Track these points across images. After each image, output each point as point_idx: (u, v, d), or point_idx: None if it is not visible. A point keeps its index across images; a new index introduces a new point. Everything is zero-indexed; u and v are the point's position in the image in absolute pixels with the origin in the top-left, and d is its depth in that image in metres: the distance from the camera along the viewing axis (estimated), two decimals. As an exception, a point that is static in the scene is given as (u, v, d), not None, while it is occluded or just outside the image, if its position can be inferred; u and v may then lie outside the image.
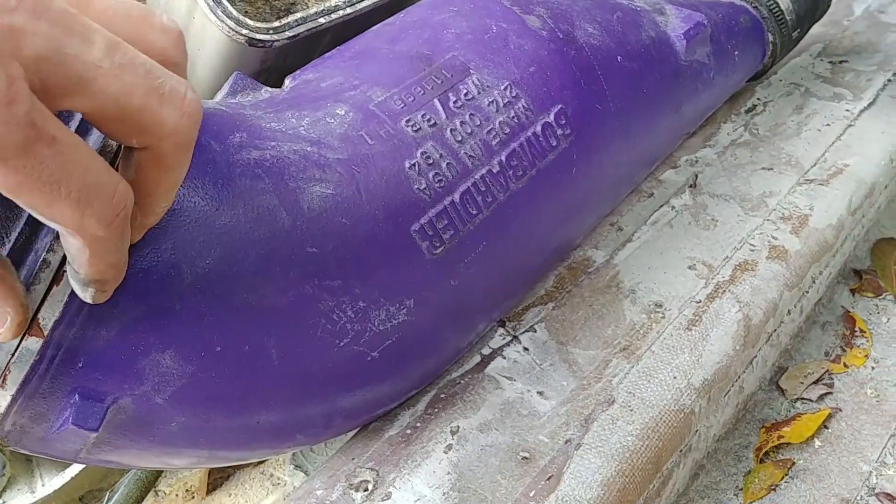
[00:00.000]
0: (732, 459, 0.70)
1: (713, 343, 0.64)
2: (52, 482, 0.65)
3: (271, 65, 0.62)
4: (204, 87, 0.62)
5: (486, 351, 0.64)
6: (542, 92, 0.57)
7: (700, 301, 0.68)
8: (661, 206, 0.79)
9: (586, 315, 0.67)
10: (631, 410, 0.58)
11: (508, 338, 0.65)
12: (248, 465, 0.71)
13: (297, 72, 0.57)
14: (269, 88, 0.55)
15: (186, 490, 0.69)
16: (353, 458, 0.56)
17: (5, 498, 0.66)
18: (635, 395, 0.60)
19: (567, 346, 0.64)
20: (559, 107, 0.58)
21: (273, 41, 0.58)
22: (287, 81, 0.57)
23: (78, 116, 0.37)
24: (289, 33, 0.59)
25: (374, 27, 0.61)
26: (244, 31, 0.57)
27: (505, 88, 0.56)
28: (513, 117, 0.56)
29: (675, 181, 0.82)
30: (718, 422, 0.67)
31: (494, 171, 0.54)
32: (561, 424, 0.58)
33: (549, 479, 0.54)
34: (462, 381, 0.61)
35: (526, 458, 0.55)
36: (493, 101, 0.55)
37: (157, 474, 0.65)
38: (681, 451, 0.60)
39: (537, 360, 0.63)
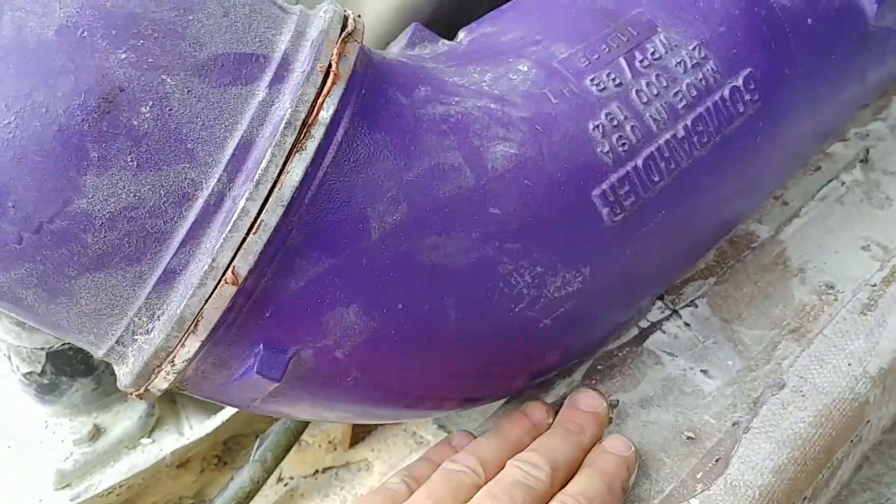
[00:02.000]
0: (897, 453, 0.67)
1: (890, 330, 0.60)
2: (202, 426, 0.67)
3: (442, 13, 0.61)
4: (371, 35, 0.61)
5: (644, 324, 0.61)
6: (731, 54, 0.54)
7: (875, 284, 0.64)
8: (830, 180, 0.74)
9: (751, 293, 0.63)
10: (803, 396, 0.55)
11: (668, 312, 0.62)
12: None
13: (473, 24, 0.56)
14: (447, 41, 0.53)
15: (329, 441, 0.70)
16: (508, 424, 0.55)
17: (154, 437, 0.68)
18: (807, 380, 0.56)
19: (732, 325, 0.61)
20: (748, 70, 0.54)
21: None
22: (462, 34, 0.55)
23: None
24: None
25: (552, -20, 0.58)
26: (422, -21, 0.56)
27: (693, 49, 0.53)
28: (700, 80, 0.52)
29: (844, 155, 0.77)
30: (889, 413, 0.63)
31: (679, 136, 0.51)
32: (728, 406, 0.55)
33: (716, 461, 0.51)
34: (620, 354, 0.59)
35: (691, 437, 0.53)
36: (680, 62, 0.52)
37: (305, 424, 0.66)
38: (852, 441, 0.57)
39: (700, 336, 0.60)
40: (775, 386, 0.56)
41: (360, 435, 0.71)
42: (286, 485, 0.69)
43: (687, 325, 0.61)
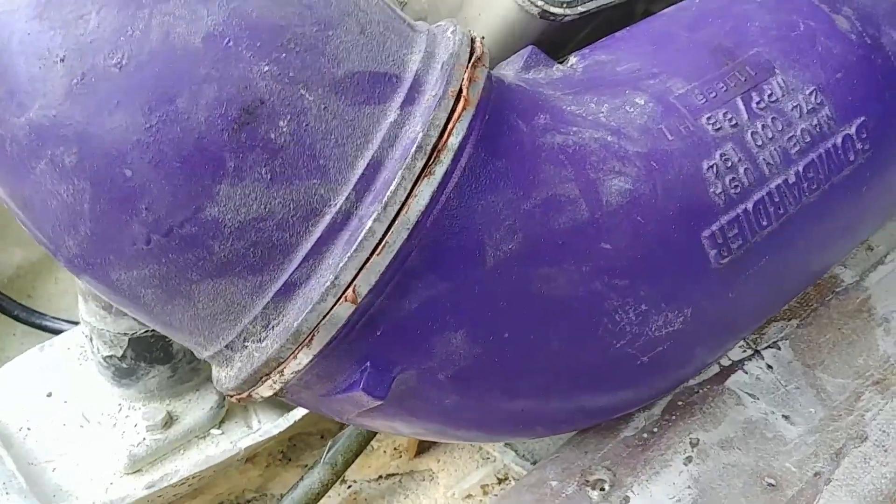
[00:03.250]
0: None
1: (975, 390, 0.59)
2: (275, 423, 0.67)
3: (546, 37, 0.60)
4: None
5: (725, 362, 0.61)
6: (846, 101, 0.53)
7: (962, 341, 0.63)
8: (917, 228, 0.73)
9: (835, 339, 0.63)
10: (885, 451, 0.55)
11: (749, 351, 0.62)
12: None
13: (586, 50, 0.55)
14: (561, 67, 0.53)
15: (395, 449, 0.70)
16: (586, 453, 0.55)
17: (223, 429, 0.69)
18: (890, 435, 0.56)
19: (815, 371, 0.60)
20: (862, 119, 0.54)
21: (565, 15, 0.56)
22: (574, 59, 0.55)
23: None
24: (581, 8, 0.57)
25: (667, 10, 0.58)
26: (539, 3, 0.55)
27: (810, 93, 0.52)
28: (815, 125, 0.52)
29: (931, 203, 0.76)
30: (967, 474, 0.62)
31: (790, 181, 0.51)
32: (809, 454, 0.55)
33: (799, 511, 0.51)
34: (700, 391, 0.59)
35: (772, 484, 0.53)
36: (796, 106, 0.52)
37: (375, 431, 0.66)
38: (931, 501, 0.56)
39: (782, 380, 0.60)
40: (858, 438, 0.56)
41: (426, 444, 0.71)
42: (349, 487, 0.69)
43: (769, 367, 0.61)
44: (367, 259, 0.39)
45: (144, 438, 0.65)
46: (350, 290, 0.39)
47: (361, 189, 0.40)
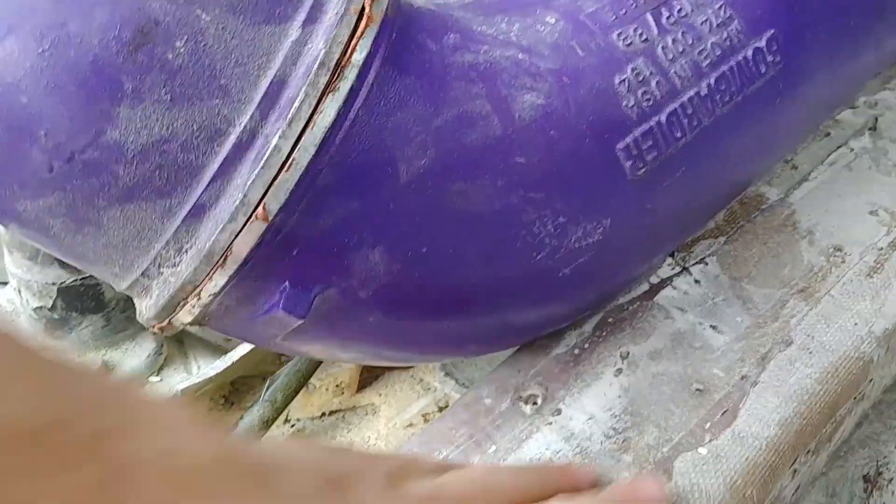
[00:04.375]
0: (895, 412, 0.68)
1: None
2: (211, 366, 0.67)
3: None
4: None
5: (654, 279, 0.62)
6: (755, 14, 0.54)
7: (882, 248, 0.64)
8: (839, 146, 0.75)
9: (760, 253, 0.64)
10: (810, 353, 0.56)
11: (678, 268, 0.63)
12: (400, 367, 0.72)
13: (499, -26, 0.55)
14: (473, -10, 0.53)
15: (336, 385, 0.71)
16: (518, 371, 0.56)
17: (162, 376, 0.69)
18: (814, 338, 0.57)
19: (741, 283, 0.62)
20: (771, 31, 0.54)
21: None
22: (487, -16, 0.55)
23: None
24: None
25: (579, -69, 0.58)
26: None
27: (719, 7, 0.53)
28: (725, 39, 0.53)
29: (853, 122, 0.78)
30: (891, 373, 0.64)
31: (702, 93, 0.51)
32: (736, 360, 0.56)
33: (724, 413, 0.52)
34: (630, 308, 0.60)
35: (700, 389, 0.54)
36: (706, 21, 0.52)
37: (315, 367, 0.67)
38: (855, 398, 0.58)
39: (710, 293, 0.61)
40: (783, 343, 0.57)
41: (367, 379, 0.72)
42: (293, 426, 0.70)
43: (697, 281, 0.62)
44: (276, 176, 0.39)
45: (83, 390, 0.64)
46: (260, 207, 0.39)
47: (266, 108, 0.39)
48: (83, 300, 0.65)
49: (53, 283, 0.63)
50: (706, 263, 0.63)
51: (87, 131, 0.38)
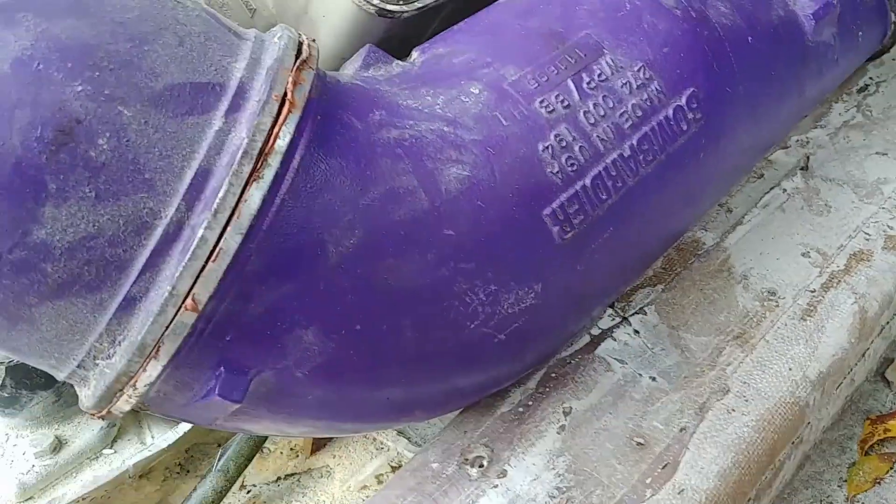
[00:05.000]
0: (836, 450, 0.70)
1: (829, 335, 0.63)
2: (164, 436, 0.67)
3: (394, 33, 0.62)
4: (327, 54, 0.62)
5: (595, 331, 0.63)
6: (675, 74, 0.56)
7: (815, 290, 0.67)
8: (772, 188, 0.77)
9: (697, 300, 0.66)
10: (746, 401, 0.58)
11: (618, 319, 0.64)
12: (352, 430, 0.73)
13: (427, 44, 0.57)
14: (401, 62, 0.54)
15: (291, 449, 0.71)
16: (465, 433, 0.57)
17: (116, 448, 0.68)
18: (750, 386, 0.59)
19: (679, 331, 0.63)
20: (691, 90, 0.56)
21: (403, 12, 0.58)
22: (415, 54, 0.56)
23: None
24: (418, 4, 0.58)
25: None
26: (375, 2, 0.56)
27: (639, 70, 0.55)
28: (646, 100, 0.54)
29: (786, 162, 0.80)
30: (829, 414, 0.66)
31: (625, 154, 0.53)
32: (675, 411, 0.57)
33: (664, 466, 0.53)
34: (572, 361, 0.61)
35: (641, 443, 0.55)
36: (626, 83, 0.54)
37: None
38: (793, 442, 0.60)
39: (648, 343, 0.62)
40: (720, 391, 0.58)
41: (321, 442, 0.72)
42: (249, 492, 0.70)
43: (636, 332, 0.63)
44: (203, 266, 0.40)
45: (34, 465, 0.64)
46: (189, 298, 0.40)
47: (191, 199, 0.40)
48: (32, 378, 0.64)
49: (1, 363, 0.62)
50: (645, 313, 0.65)
51: (12, 233, 0.38)
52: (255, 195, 0.41)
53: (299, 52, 0.46)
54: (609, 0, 0.57)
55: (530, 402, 0.58)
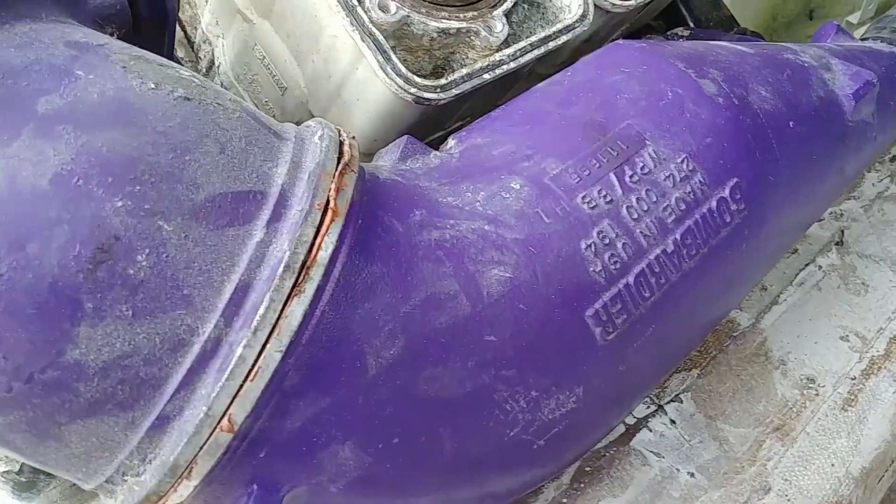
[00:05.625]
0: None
1: (871, 426, 0.61)
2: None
3: (427, 116, 0.61)
4: (358, 136, 0.61)
5: (630, 420, 0.62)
6: (718, 164, 0.55)
7: (855, 378, 0.65)
8: (807, 264, 0.75)
9: (734, 387, 0.64)
10: (788, 500, 0.56)
11: (653, 407, 0.63)
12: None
13: (464, 133, 0.56)
14: (439, 154, 0.53)
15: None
16: (498, 531, 0.55)
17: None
18: (792, 483, 0.57)
19: (716, 422, 0.61)
20: (734, 180, 0.55)
21: (440, 99, 0.57)
22: (452, 142, 0.55)
23: None
24: (455, 91, 0.57)
25: (540, 86, 0.59)
26: (412, 90, 0.55)
27: (682, 161, 0.53)
28: (689, 193, 0.53)
29: (820, 237, 0.79)
30: (870, 509, 0.64)
31: (669, 250, 0.52)
32: (716, 512, 0.55)
33: (707, 574, 0.52)
34: (607, 454, 0.59)
35: (681, 547, 0.53)
36: (669, 176, 0.53)
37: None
38: (836, 544, 0.58)
39: (685, 435, 0.61)
40: (761, 490, 0.57)
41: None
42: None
43: (673, 422, 0.61)
44: (241, 386, 0.38)
45: (50, 553, 0.62)
46: (225, 418, 0.39)
47: (230, 315, 0.39)
48: (49, 460, 0.63)
49: (17, 447, 0.61)
50: (681, 401, 0.63)
51: (46, 352, 0.37)
52: (297, 310, 0.39)
53: (340, 152, 0.45)
54: (651, 88, 0.56)
55: (565, 500, 0.56)
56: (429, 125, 0.64)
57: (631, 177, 0.52)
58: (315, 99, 0.64)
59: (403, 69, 0.56)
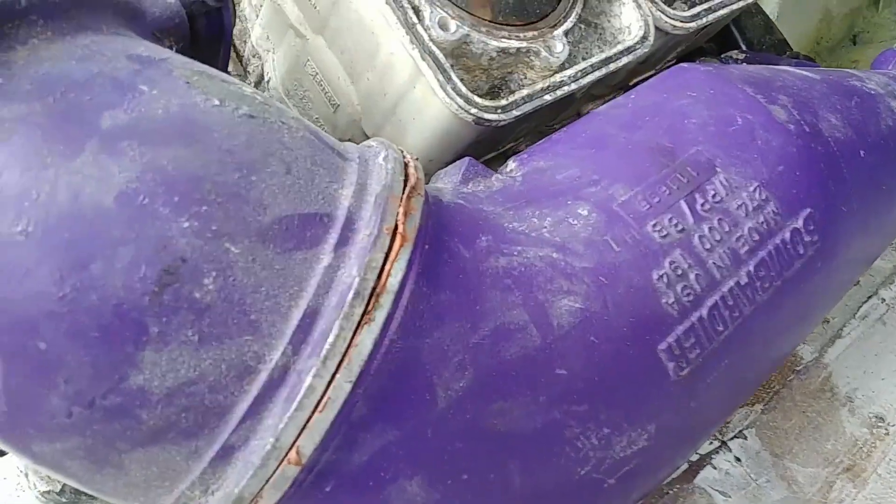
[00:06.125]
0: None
1: (946, 469, 0.58)
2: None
3: (484, 136, 0.59)
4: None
5: (693, 457, 0.59)
6: (791, 194, 0.53)
7: (926, 417, 0.62)
8: (870, 297, 0.73)
9: (801, 424, 0.61)
10: (863, 546, 0.53)
11: (716, 443, 0.60)
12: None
13: (524, 155, 0.54)
14: (500, 177, 0.52)
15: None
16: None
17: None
18: (866, 528, 0.54)
19: (783, 460, 0.59)
20: (808, 211, 0.53)
21: (500, 120, 0.55)
22: (513, 165, 0.54)
23: None
24: (516, 112, 0.56)
25: (602, 109, 0.57)
26: (473, 111, 0.54)
27: (754, 190, 0.51)
28: (762, 223, 0.51)
29: (882, 268, 0.76)
30: (945, 556, 0.61)
31: (742, 282, 0.49)
32: (787, 557, 0.53)
33: None
34: (671, 492, 0.57)
35: None
36: (742, 205, 0.51)
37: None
38: (913, 593, 0.55)
39: (752, 473, 0.58)
40: (834, 534, 0.54)
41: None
42: None
43: (738, 459, 0.59)
44: (309, 417, 0.37)
45: (90, 578, 0.61)
46: (293, 450, 0.37)
47: (298, 342, 0.37)
48: (90, 485, 0.61)
49: (60, 471, 0.60)
50: (745, 437, 0.60)
51: (109, 377, 0.35)
52: (367, 339, 0.38)
53: (405, 173, 0.43)
54: (720, 113, 0.54)
55: (627, 539, 0.54)
56: (484, 145, 0.63)
57: (702, 205, 0.50)
58: (369, 116, 0.63)
59: (464, 89, 0.54)
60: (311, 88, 0.67)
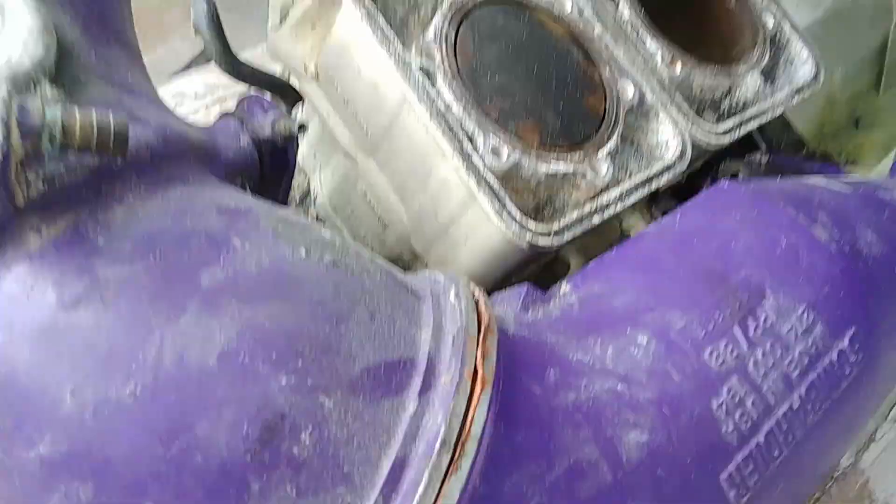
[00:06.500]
0: None
1: None
2: None
3: (531, 256, 0.61)
4: (461, 272, 0.61)
5: (740, 568, 0.60)
6: (836, 315, 0.54)
7: (966, 523, 0.63)
8: (900, 396, 0.74)
9: (844, 532, 0.62)
10: None
11: (763, 554, 0.61)
12: None
13: (578, 278, 0.56)
14: (557, 302, 0.53)
15: None
16: None
17: None
18: None
19: (831, 572, 0.60)
20: (852, 330, 0.55)
21: (553, 246, 0.57)
22: (567, 288, 0.55)
23: None
24: (568, 235, 0.58)
25: (650, 230, 0.59)
26: (527, 237, 0.56)
27: (802, 313, 0.53)
28: (811, 346, 0.53)
29: (909, 366, 0.78)
30: None
31: (795, 406, 0.51)
32: None
33: None
34: None
35: None
36: (792, 329, 0.53)
37: None
38: None
39: (800, 586, 0.59)
40: None
41: None
42: None
43: (785, 571, 0.60)
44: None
45: None
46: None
47: (388, 492, 0.38)
48: None
49: None
50: (791, 547, 0.61)
51: (211, 534, 0.36)
52: (454, 488, 0.39)
53: (478, 311, 0.45)
54: (764, 234, 0.56)
55: None
56: (528, 262, 0.65)
57: (755, 329, 0.52)
58: (418, 235, 0.64)
59: (518, 214, 0.56)
60: (359, 206, 0.69)
